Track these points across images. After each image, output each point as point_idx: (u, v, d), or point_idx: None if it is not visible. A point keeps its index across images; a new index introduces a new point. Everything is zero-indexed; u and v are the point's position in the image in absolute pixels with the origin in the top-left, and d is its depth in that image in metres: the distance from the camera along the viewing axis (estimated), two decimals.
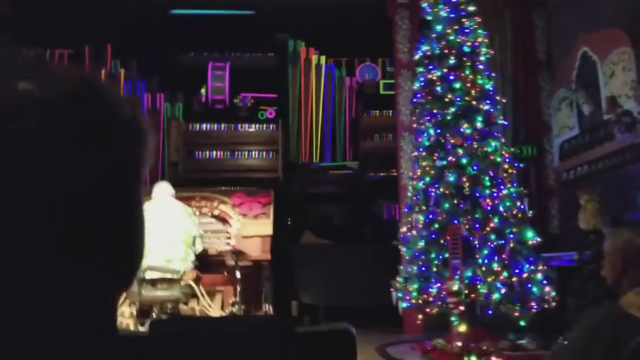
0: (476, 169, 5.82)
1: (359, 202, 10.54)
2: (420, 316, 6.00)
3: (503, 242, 5.63)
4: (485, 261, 5.55)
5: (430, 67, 6.27)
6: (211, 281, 7.30)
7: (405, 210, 6.51)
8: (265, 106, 10.73)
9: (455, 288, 5.25)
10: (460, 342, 5.39)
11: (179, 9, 10.19)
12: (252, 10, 10.22)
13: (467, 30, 6.26)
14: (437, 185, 5.92)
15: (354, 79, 11.49)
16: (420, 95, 6.39)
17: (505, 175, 5.98)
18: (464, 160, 5.85)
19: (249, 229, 7.78)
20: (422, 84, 6.33)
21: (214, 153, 9.89)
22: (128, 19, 9.81)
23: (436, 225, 5.79)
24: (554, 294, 5.58)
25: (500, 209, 5.74)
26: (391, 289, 6.12)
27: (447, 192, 5.82)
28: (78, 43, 10.65)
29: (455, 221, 5.63)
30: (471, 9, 6.36)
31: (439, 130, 6.08)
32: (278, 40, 11.21)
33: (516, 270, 5.60)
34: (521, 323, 5.65)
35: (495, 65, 7.30)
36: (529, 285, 5.60)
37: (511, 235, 5.67)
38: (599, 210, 5.39)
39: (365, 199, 10.42)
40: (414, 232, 6.05)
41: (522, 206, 5.93)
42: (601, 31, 6.26)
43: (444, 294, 5.46)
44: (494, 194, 5.79)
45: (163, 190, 6.03)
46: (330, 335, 1.20)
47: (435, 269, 5.70)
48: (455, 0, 6.34)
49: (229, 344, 0.95)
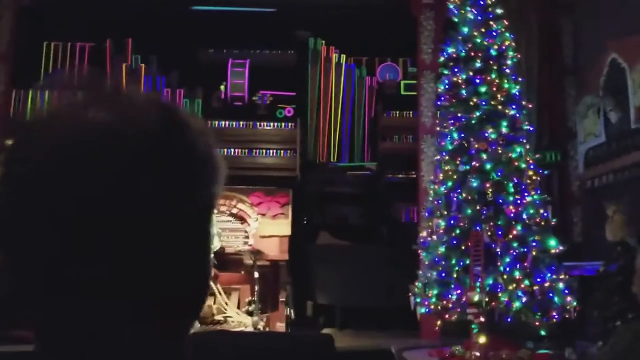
0: (500, 174, 5.74)
1: (376, 204, 10.47)
2: (438, 322, 5.94)
3: (525, 250, 5.54)
4: (507, 269, 5.47)
5: (456, 70, 6.19)
6: (228, 279, 7.30)
7: (426, 214, 6.43)
8: (283, 104, 10.67)
9: (477, 299, 5.17)
10: (478, 352, 5.32)
11: (200, 5, 10.18)
12: (274, 7, 10.18)
13: (494, 33, 6.17)
14: (460, 190, 5.84)
15: (374, 78, 11.41)
16: (444, 98, 6.32)
17: (529, 182, 5.89)
18: (488, 166, 5.77)
19: (267, 229, 7.77)
20: (447, 86, 6.25)
21: (232, 150, 9.85)
22: (149, 13, 9.81)
23: (457, 231, 5.71)
24: (575, 303, 5.49)
25: (524, 216, 5.66)
26: (409, 294, 6.06)
27: (470, 198, 5.74)
28: (99, 37, 10.67)
29: (477, 227, 5.56)
30: (499, 11, 6.28)
31: (462, 134, 6.00)
32: (299, 37, 11.16)
33: (538, 279, 5.52)
34: (541, 332, 5.58)
35: (521, 69, 7.20)
36: (551, 295, 5.51)
37: (534, 243, 5.58)
38: (626, 222, 5.30)
39: (383, 200, 10.35)
40: (435, 237, 5.98)
41: (546, 214, 5.84)
42: (632, 38, 6.14)
43: (464, 300, 5.39)
44: (517, 201, 5.70)
45: None
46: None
47: (455, 276, 5.62)
48: (482, 2, 6.26)
49: None
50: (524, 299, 5.37)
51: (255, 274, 6.91)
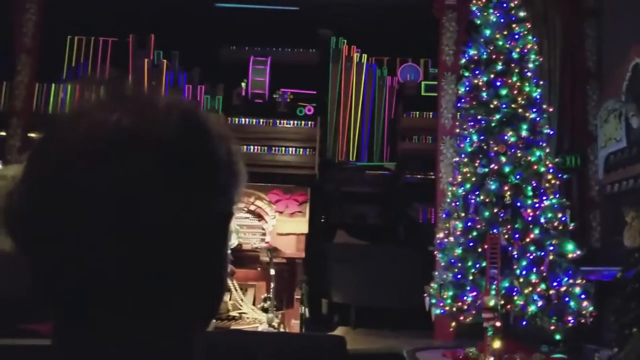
0: (519, 178, 5.72)
1: (394, 204, 10.47)
2: (453, 323, 5.93)
3: (542, 254, 5.52)
4: (523, 272, 5.45)
5: (477, 72, 6.17)
6: (244, 276, 7.34)
7: (443, 216, 6.41)
8: (304, 102, 10.69)
9: (492, 304, 5.15)
10: (492, 357, 5.30)
11: (224, 2, 10.23)
12: (296, 6, 10.20)
13: (517, 36, 6.14)
14: (478, 193, 5.83)
15: (395, 78, 11.40)
16: (464, 100, 6.30)
17: (548, 185, 5.86)
18: (507, 169, 5.75)
19: (285, 227, 7.79)
20: (467, 88, 6.23)
21: (251, 148, 9.89)
22: (173, 10, 9.88)
23: (475, 233, 5.70)
24: (591, 309, 5.46)
25: (542, 220, 5.63)
26: (425, 294, 6.06)
27: (488, 200, 5.72)
28: (123, 32, 10.77)
29: (495, 230, 5.54)
30: (522, 14, 6.24)
31: (482, 137, 5.98)
32: (322, 36, 11.17)
33: (554, 283, 5.49)
34: (556, 337, 5.54)
35: (543, 72, 7.16)
36: (567, 299, 5.48)
37: (551, 248, 5.56)
38: None
39: (401, 200, 10.33)
40: (451, 239, 5.97)
41: (564, 218, 5.80)
42: None
43: (479, 303, 5.38)
44: (535, 205, 5.68)
45: None
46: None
47: (471, 278, 5.62)
48: (506, 4, 6.22)
49: None
50: (540, 303, 5.35)
51: (272, 271, 6.94)
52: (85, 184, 0.55)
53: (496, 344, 5.25)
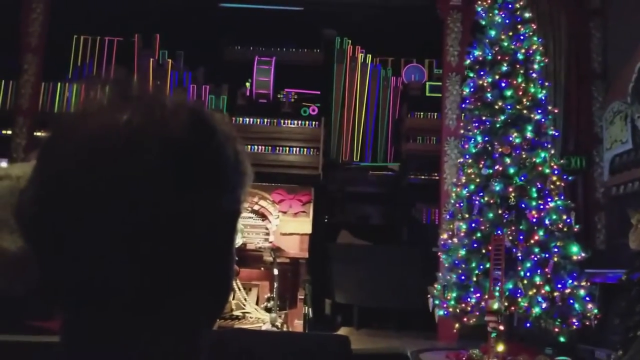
0: (523, 179, 5.71)
1: (398, 204, 10.46)
2: (456, 325, 5.91)
3: (547, 256, 5.50)
4: (528, 274, 5.44)
5: (482, 73, 6.16)
6: (248, 275, 7.35)
7: (447, 217, 6.41)
8: (308, 103, 10.68)
9: (496, 307, 5.13)
10: (496, 357, 5.29)
11: (228, 2, 10.23)
12: (301, 6, 10.20)
13: (522, 37, 6.13)
14: (482, 194, 5.81)
15: (400, 79, 11.38)
16: (469, 101, 6.29)
17: (552, 187, 5.84)
18: (512, 170, 5.74)
19: (288, 227, 7.80)
20: (472, 89, 6.22)
21: (255, 147, 9.89)
22: (178, 10, 9.90)
23: (479, 235, 5.69)
24: (596, 311, 5.44)
25: (546, 221, 5.62)
26: (428, 295, 6.05)
27: (492, 202, 5.71)
28: (128, 31, 10.78)
29: (499, 231, 5.52)
30: (527, 15, 6.23)
31: (487, 138, 5.97)
32: (326, 36, 11.16)
33: (559, 285, 5.47)
34: (561, 339, 5.53)
35: (548, 73, 7.15)
36: (571, 301, 5.47)
37: (555, 249, 5.54)
38: None
39: (405, 201, 10.32)
40: (455, 240, 5.96)
41: (569, 220, 5.79)
42: None
43: (483, 305, 5.37)
44: (540, 206, 5.66)
45: None
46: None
47: (475, 279, 5.60)
48: (511, 5, 6.21)
49: None
50: (544, 305, 5.33)
51: (275, 271, 6.95)
52: (97, 182, 0.55)
53: (499, 348, 5.23)
